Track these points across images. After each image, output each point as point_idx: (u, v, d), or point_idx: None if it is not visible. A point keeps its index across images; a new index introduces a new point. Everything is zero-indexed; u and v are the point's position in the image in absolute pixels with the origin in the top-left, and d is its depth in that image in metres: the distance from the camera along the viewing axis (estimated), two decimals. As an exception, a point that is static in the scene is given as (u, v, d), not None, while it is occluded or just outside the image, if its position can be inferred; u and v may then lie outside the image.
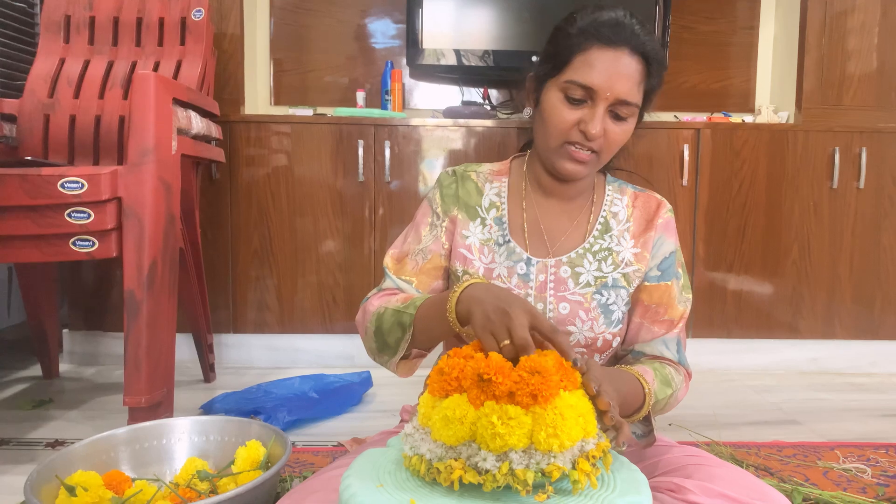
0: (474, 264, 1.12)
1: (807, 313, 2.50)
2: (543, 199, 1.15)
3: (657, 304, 1.13)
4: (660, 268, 1.13)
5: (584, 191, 1.15)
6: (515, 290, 1.09)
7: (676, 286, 1.14)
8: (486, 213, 1.14)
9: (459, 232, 1.13)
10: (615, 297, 1.10)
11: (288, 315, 2.47)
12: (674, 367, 1.13)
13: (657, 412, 1.09)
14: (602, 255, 1.12)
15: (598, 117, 1.00)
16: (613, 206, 1.15)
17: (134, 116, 1.64)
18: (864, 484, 1.54)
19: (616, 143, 1.04)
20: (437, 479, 0.79)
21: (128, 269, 1.61)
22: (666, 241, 1.14)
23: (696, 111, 2.80)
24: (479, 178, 1.17)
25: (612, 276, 1.11)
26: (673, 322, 1.13)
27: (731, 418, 2.02)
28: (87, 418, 1.94)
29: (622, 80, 0.99)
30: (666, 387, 1.07)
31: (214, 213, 2.42)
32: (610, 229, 1.13)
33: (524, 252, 1.11)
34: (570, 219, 1.14)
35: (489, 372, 0.79)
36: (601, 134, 1.01)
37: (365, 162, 2.42)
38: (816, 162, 2.46)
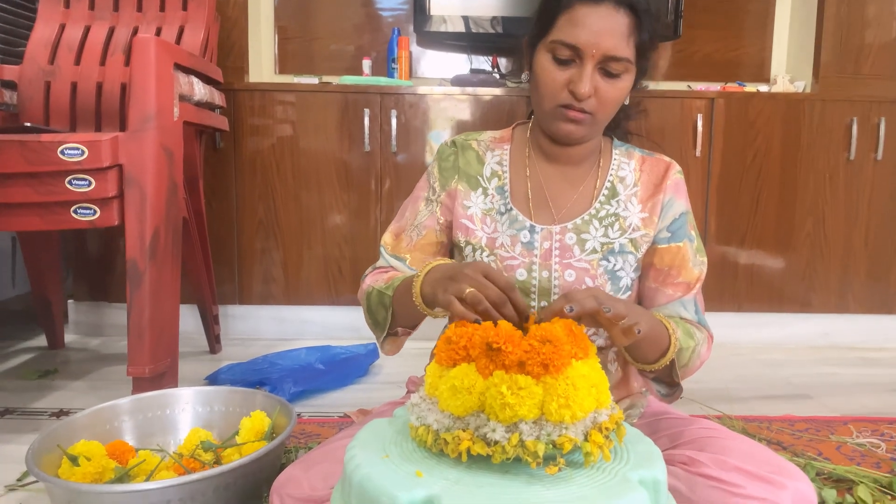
0: (476, 234, 1.10)
1: (819, 287, 2.46)
2: (547, 166, 1.12)
3: (669, 266, 1.09)
4: (670, 229, 1.09)
5: (588, 155, 1.11)
6: (519, 258, 1.07)
7: (690, 248, 1.10)
8: (487, 182, 1.12)
9: (461, 203, 1.12)
10: (622, 263, 1.08)
11: (294, 287, 2.44)
12: (695, 326, 1.09)
13: (682, 368, 1.04)
14: (609, 221, 1.09)
15: (585, 76, 0.97)
16: (620, 171, 1.11)
17: (134, 81, 1.60)
18: (878, 459, 1.51)
19: (611, 100, 1.00)
20: (445, 450, 0.76)
21: (130, 237, 1.58)
22: (676, 202, 1.10)
23: (709, 81, 2.74)
24: (480, 146, 1.15)
25: (618, 242, 1.08)
26: (689, 284, 1.10)
27: (742, 392, 1.99)
28: (91, 388, 1.93)
29: (607, 35, 0.96)
30: (689, 338, 1.03)
31: (219, 184, 2.39)
32: (617, 194, 1.10)
33: (527, 220, 1.09)
34: (576, 185, 1.11)
35: (498, 341, 0.76)
36: (591, 93, 0.98)
37: (371, 132, 2.38)
38: (833, 132, 2.40)
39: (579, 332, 0.81)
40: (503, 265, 1.08)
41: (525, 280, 1.07)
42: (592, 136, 1.07)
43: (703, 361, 1.09)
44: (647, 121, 2.39)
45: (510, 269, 1.08)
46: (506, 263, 1.08)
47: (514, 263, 1.08)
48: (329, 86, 2.42)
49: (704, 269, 1.12)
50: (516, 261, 1.08)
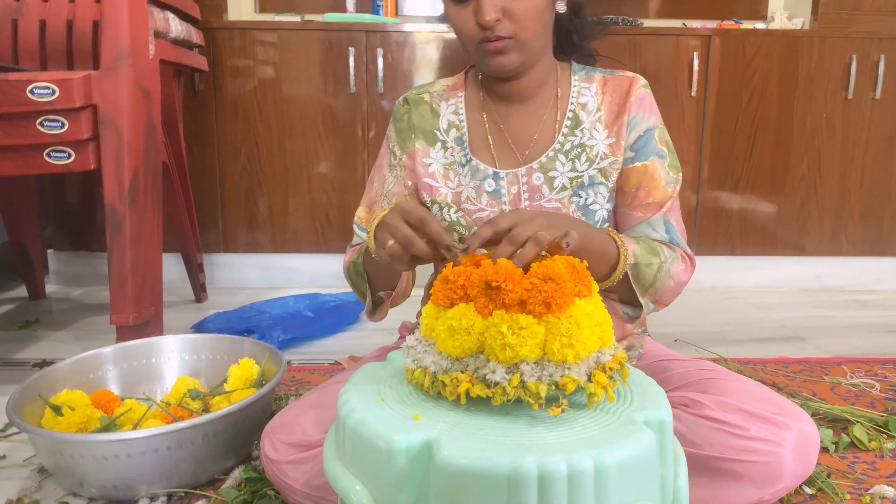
0: (441, 191, 1.06)
1: (813, 230, 2.44)
2: (504, 106, 1.06)
3: (637, 187, 1.03)
4: (633, 148, 1.03)
5: (542, 86, 1.05)
6: (488, 209, 1.03)
7: (660, 165, 1.03)
8: (445, 134, 1.08)
9: (420, 162, 1.07)
10: (595, 196, 1.03)
11: (280, 234, 2.39)
12: (665, 244, 1.02)
13: (650, 287, 0.98)
14: (575, 153, 1.03)
15: (484, 2, 0.92)
16: (581, 97, 1.05)
17: (106, 16, 1.52)
18: (872, 398, 1.51)
19: (524, 15, 0.94)
20: (442, 392, 0.73)
21: (107, 181, 1.52)
22: (641, 118, 1.03)
23: (705, 18, 2.65)
24: (433, 98, 1.10)
25: (587, 175, 1.02)
26: (660, 204, 1.02)
27: (736, 335, 1.98)
28: (75, 338, 1.89)
29: None
30: (651, 255, 0.97)
31: (199, 127, 2.31)
32: (580, 122, 1.04)
33: (489, 168, 1.05)
34: (535, 120, 1.05)
35: (498, 279, 0.72)
36: (496, 16, 0.93)
37: (356, 72, 2.29)
38: (832, 71, 2.34)
39: (582, 268, 0.77)
40: (472, 219, 1.04)
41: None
42: (529, 60, 1.00)
43: (679, 282, 1.01)
44: (639, 59, 2.32)
45: (479, 221, 1.04)
46: (475, 217, 1.04)
47: (483, 215, 1.04)
48: (312, 23, 2.32)
49: (678, 185, 1.04)
50: (485, 212, 1.04)
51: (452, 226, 1.06)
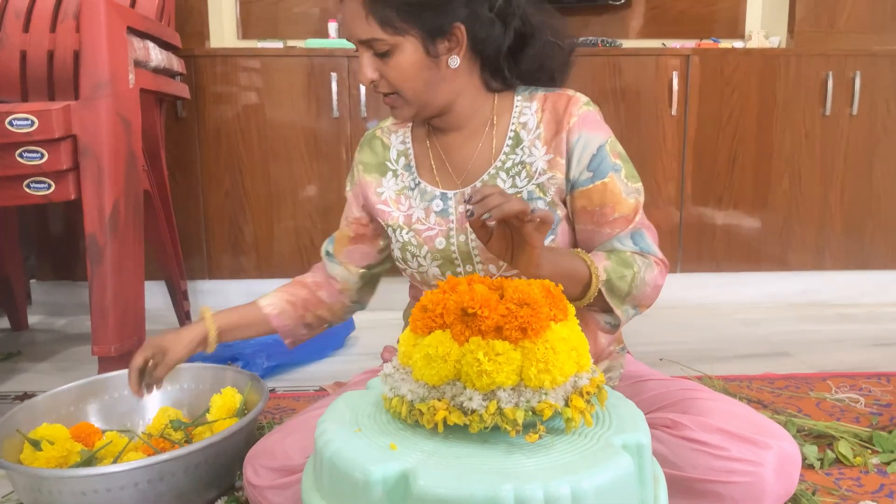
0: (392, 215, 1.12)
1: (797, 245, 2.45)
2: (443, 136, 1.12)
3: (601, 205, 1.04)
4: (590, 168, 1.04)
5: (473, 116, 1.09)
6: (436, 227, 1.08)
7: (618, 179, 1.05)
8: (395, 163, 1.15)
9: (374, 192, 1.15)
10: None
11: (265, 259, 2.38)
12: (637, 254, 1.04)
13: (623, 295, 1.00)
14: (516, 171, 1.06)
15: (362, 65, 1.01)
16: (522, 116, 1.08)
17: (85, 47, 1.52)
18: (857, 413, 1.51)
19: (400, 78, 1.00)
20: (420, 421, 0.73)
21: (88, 211, 1.52)
22: (589, 137, 1.04)
23: (684, 38, 2.69)
24: (384, 133, 1.18)
25: (526, 190, 1.05)
26: (627, 218, 1.04)
27: (722, 352, 1.99)
28: (58, 370, 1.87)
29: (350, 23, 0.99)
30: (624, 267, 1.00)
31: (182, 154, 2.31)
32: (521, 141, 1.07)
33: (436, 189, 1.10)
34: (472, 146, 1.09)
35: (474, 305, 0.72)
36: (372, 77, 1.01)
37: (339, 96, 2.30)
38: (809, 88, 2.37)
39: (557, 292, 0.78)
40: (422, 238, 1.09)
41: (444, 248, 1.08)
42: (425, 109, 1.04)
43: (656, 286, 1.04)
44: (620, 80, 2.35)
45: (429, 240, 1.08)
46: (424, 235, 1.09)
47: (432, 234, 1.09)
48: (294, 50, 2.33)
49: (641, 196, 1.07)
50: (433, 231, 1.09)
51: (405, 245, 1.11)
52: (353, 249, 1.22)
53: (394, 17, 0.96)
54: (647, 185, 2.38)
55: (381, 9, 0.96)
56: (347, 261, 1.23)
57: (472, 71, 1.06)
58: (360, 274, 1.23)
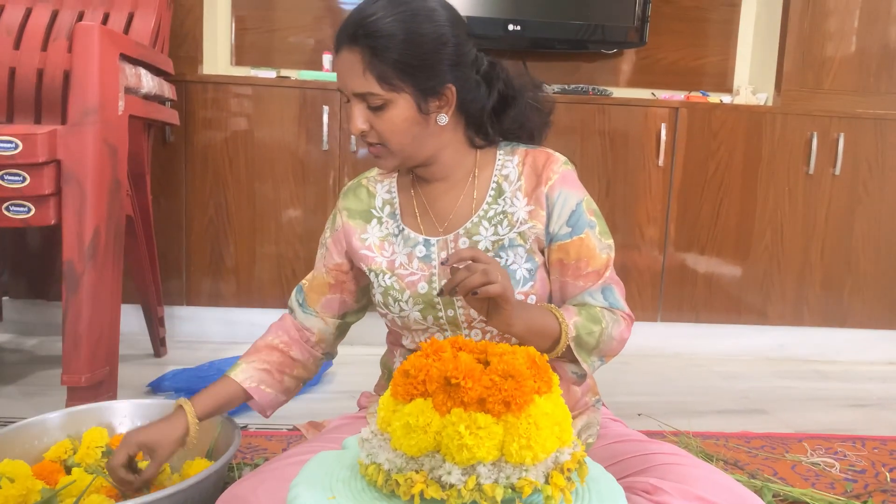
0: (376, 261, 1.13)
1: (776, 299, 2.47)
2: (427, 186, 1.15)
3: (577, 258, 1.09)
4: (569, 223, 1.09)
5: (456, 168, 1.13)
6: (419, 272, 1.10)
7: (593, 236, 1.10)
8: (380, 211, 1.17)
9: (358, 237, 1.16)
10: (514, 257, 1.09)
11: (245, 288, 2.35)
12: (606, 309, 1.09)
13: (590, 349, 1.05)
14: (497, 219, 1.11)
15: (353, 116, 1.03)
16: (504, 170, 1.13)
17: (75, 73, 1.50)
18: (832, 479, 1.51)
19: (389, 132, 1.03)
20: (396, 491, 0.71)
21: (67, 238, 1.49)
22: (568, 194, 1.09)
23: (673, 89, 2.73)
24: (370, 182, 1.20)
25: (507, 237, 1.09)
26: (599, 273, 1.09)
27: (700, 406, 1.98)
28: (24, 395, 1.82)
29: (347, 76, 1.01)
30: (593, 323, 1.05)
31: (168, 179, 2.29)
32: (503, 192, 1.12)
33: (419, 235, 1.12)
34: (455, 196, 1.14)
35: (458, 375, 0.71)
36: (361, 128, 1.03)
37: (330, 129, 2.30)
38: (794, 146, 2.41)
39: (542, 362, 0.77)
40: (404, 283, 1.11)
41: (427, 292, 1.09)
42: (409, 161, 1.09)
43: (621, 340, 1.09)
44: (610, 127, 2.37)
45: (411, 284, 1.10)
46: (406, 280, 1.11)
47: (415, 279, 1.10)
48: (287, 80, 2.33)
49: (612, 252, 1.12)
50: (416, 276, 1.11)
51: (388, 290, 1.12)
52: (332, 299, 1.21)
53: (391, 75, 0.99)
54: (631, 231, 2.40)
55: (379, 65, 0.99)
56: (324, 311, 1.21)
57: (458, 127, 1.11)
58: (337, 325, 1.23)
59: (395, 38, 0.99)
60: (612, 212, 2.39)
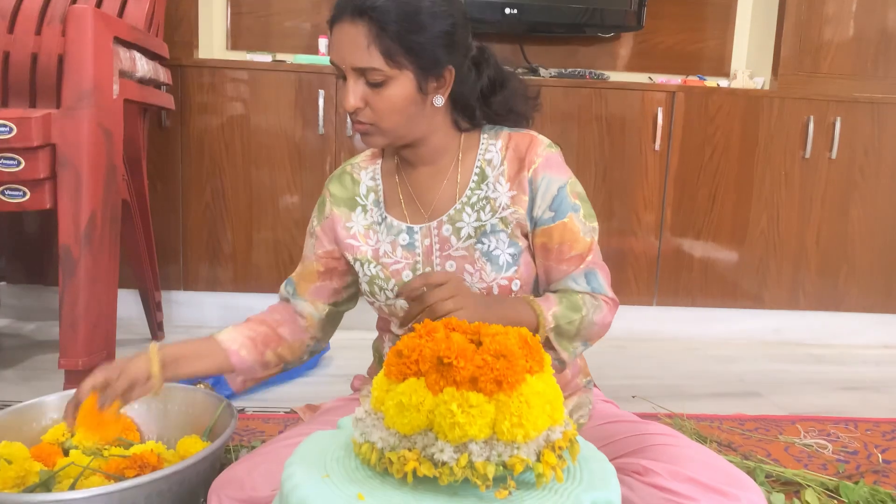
0: (361, 250, 1.14)
1: (772, 283, 2.48)
2: (413, 171, 1.15)
3: (560, 243, 1.09)
4: (552, 208, 1.09)
5: (443, 151, 1.13)
6: (403, 261, 1.11)
7: (576, 219, 1.10)
8: (364, 199, 1.17)
9: (342, 226, 1.16)
10: (496, 243, 1.09)
11: (242, 273, 2.36)
12: (588, 295, 1.09)
13: (571, 337, 1.07)
14: (480, 205, 1.10)
15: (348, 92, 1.01)
16: (487, 154, 1.12)
17: (69, 56, 1.50)
18: (824, 460, 1.52)
19: (384, 109, 1.02)
20: (389, 469, 0.71)
21: (63, 222, 1.49)
22: (552, 178, 1.09)
23: (670, 73, 2.72)
24: (355, 168, 1.20)
25: (490, 223, 1.09)
26: (582, 256, 1.10)
27: (694, 389, 2.00)
28: (22, 379, 1.83)
29: (347, 48, 0.99)
30: (572, 312, 1.05)
31: (164, 163, 2.28)
32: (486, 177, 1.11)
33: (403, 223, 1.13)
34: (439, 181, 1.13)
35: (450, 355, 0.72)
36: (356, 105, 1.02)
37: (326, 114, 2.29)
38: (790, 130, 2.41)
39: (534, 342, 0.77)
40: (389, 271, 1.11)
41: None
42: (397, 141, 1.08)
43: (602, 325, 1.10)
44: (606, 112, 2.37)
45: (396, 273, 1.11)
46: (391, 269, 1.11)
47: (399, 267, 1.11)
48: (283, 64, 2.33)
49: (595, 234, 1.12)
50: (400, 264, 1.11)
51: (373, 279, 1.12)
52: (322, 286, 1.21)
53: (396, 51, 0.98)
54: (628, 216, 2.41)
55: (385, 41, 0.98)
56: (315, 298, 1.21)
57: (446, 110, 1.11)
58: (328, 311, 1.22)
59: (403, 14, 0.98)
60: (609, 196, 2.39)
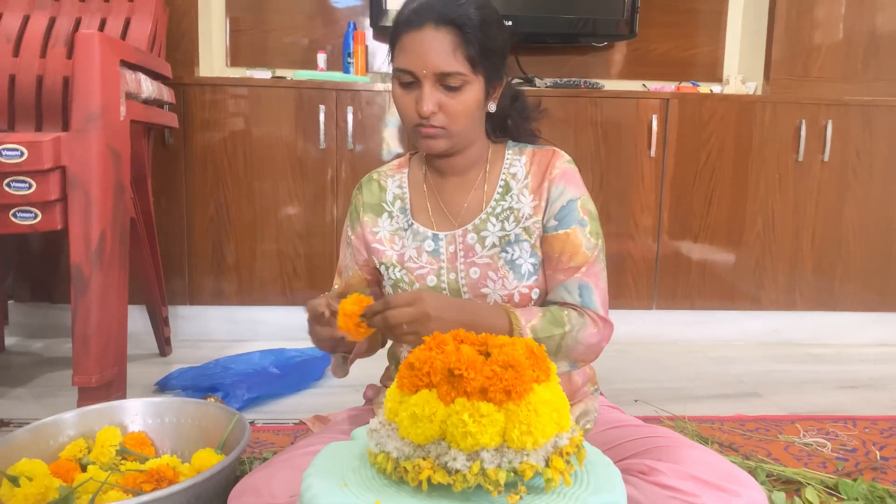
0: (387, 254, 1.18)
1: (769, 285, 2.52)
2: (441, 180, 1.20)
3: (560, 252, 1.13)
4: (557, 217, 1.14)
5: (473, 163, 1.19)
6: (427, 266, 1.15)
7: (581, 233, 1.14)
8: (391, 206, 1.21)
9: (370, 231, 1.21)
10: (520, 252, 1.13)
11: (247, 286, 2.39)
12: (576, 309, 1.12)
13: (551, 353, 1.08)
14: (504, 215, 1.16)
15: (425, 96, 1.06)
16: (512, 168, 1.19)
17: (77, 80, 1.53)
18: (824, 458, 1.55)
19: (458, 112, 1.07)
20: (405, 478, 0.75)
21: (74, 242, 1.52)
22: (565, 189, 1.14)
23: (664, 80, 2.77)
24: (381, 176, 1.25)
25: (514, 233, 1.14)
26: (579, 268, 1.13)
27: (695, 391, 2.03)
28: (34, 396, 1.86)
29: (432, 54, 1.04)
30: (554, 326, 1.07)
31: (168, 180, 2.32)
32: (510, 189, 1.17)
33: (429, 230, 1.17)
34: (466, 190, 1.19)
35: (460, 367, 0.75)
36: (433, 110, 1.06)
37: (326, 128, 2.33)
38: (783, 134, 2.45)
39: (540, 352, 0.80)
40: (414, 276, 1.16)
41: (435, 285, 1.15)
42: (457, 146, 1.13)
43: (588, 346, 1.11)
44: (601, 119, 2.41)
45: (420, 278, 1.15)
46: (416, 273, 1.16)
47: (423, 272, 1.15)
48: (283, 81, 2.36)
49: (599, 252, 1.15)
50: (424, 269, 1.16)
51: (398, 282, 1.17)
52: (374, 293, 1.25)
53: (476, 57, 1.06)
54: (626, 221, 2.44)
55: (469, 47, 1.05)
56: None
57: (485, 120, 1.18)
58: None
59: (483, 23, 1.06)
60: (607, 202, 2.43)
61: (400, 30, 1.09)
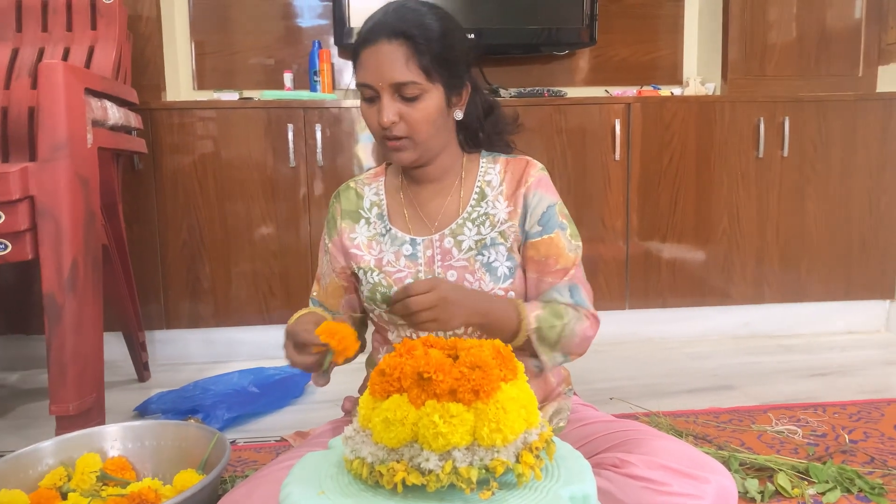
0: (364, 259, 1.21)
1: (738, 280, 2.58)
2: (417, 187, 1.24)
3: (546, 256, 1.18)
4: (540, 223, 1.19)
5: (448, 170, 1.23)
6: (405, 270, 1.19)
7: (563, 236, 1.19)
8: (368, 212, 1.25)
9: (347, 237, 1.24)
10: (496, 255, 1.18)
11: (223, 307, 2.39)
12: (571, 306, 1.17)
13: (552, 343, 1.13)
14: (480, 220, 1.20)
15: (384, 108, 1.09)
16: (487, 176, 1.23)
17: (42, 110, 1.54)
18: (795, 445, 1.60)
19: (418, 121, 1.11)
20: (380, 481, 0.77)
21: (46, 271, 1.53)
22: (542, 196, 1.19)
23: (626, 84, 2.83)
24: (358, 184, 1.29)
25: (490, 236, 1.18)
26: (566, 270, 1.19)
27: (670, 387, 2.07)
28: (13, 428, 1.85)
29: (386, 65, 1.08)
30: (555, 318, 1.13)
31: (139, 206, 2.32)
32: (486, 196, 1.21)
33: (406, 235, 1.21)
34: (443, 197, 1.23)
35: (429, 370, 0.77)
36: (393, 120, 1.10)
37: (296, 147, 2.35)
38: (742, 132, 2.52)
39: (507, 352, 0.83)
40: (392, 279, 1.19)
41: None
42: (425, 155, 1.17)
43: (584, 337, 1.17)
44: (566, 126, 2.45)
45: (398, 281, 1.18)
46: (394, 277, 1.19)
47: (402, 276, 1.18)
48: (250, 101, 2.38)
49: (580, 252, 1.21)
50: (402, 273, 1.19)
51: (376, 286, 1.19)
52: (352, 298, 1.28)
53: (430, 66, 1.09)
54: (595, 224, 2.49)
55: (422, 57, 1.09)
56: (348, 310, 1.29)
57: (454, 130, 1.22)
58: (360, 318, 1.31)
59: (437, 32, 1.10)
60: (576, 207, 2.47)
61: (358, 47, 1.13)
